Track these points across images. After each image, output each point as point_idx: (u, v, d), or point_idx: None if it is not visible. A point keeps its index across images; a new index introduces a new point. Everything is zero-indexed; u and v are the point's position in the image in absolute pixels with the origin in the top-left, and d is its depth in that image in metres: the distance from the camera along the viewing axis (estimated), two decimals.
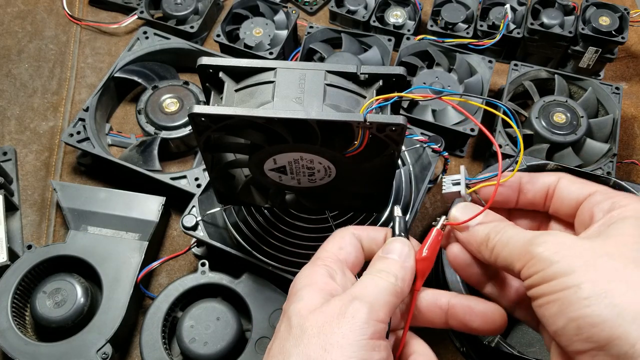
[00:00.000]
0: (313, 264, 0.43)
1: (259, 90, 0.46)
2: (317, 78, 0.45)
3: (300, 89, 0.45)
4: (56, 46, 0.96)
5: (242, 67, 0.46)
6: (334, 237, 0.46)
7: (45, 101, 0.90)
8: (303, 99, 0.44)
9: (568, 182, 0.43)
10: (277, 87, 0.45)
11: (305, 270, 0.43)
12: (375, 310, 0.38)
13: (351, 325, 0.37)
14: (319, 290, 0.40)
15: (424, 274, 0.43)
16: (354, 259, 0.45)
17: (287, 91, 0.44)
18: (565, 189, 0.43)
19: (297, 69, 0.46)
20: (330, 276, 0.42)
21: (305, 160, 0.48)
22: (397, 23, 0.93)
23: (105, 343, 0.63)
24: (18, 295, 0.67)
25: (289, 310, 0.40)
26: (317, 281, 0.41)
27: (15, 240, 0.76)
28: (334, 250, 0.44)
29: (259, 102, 0.44)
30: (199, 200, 0.68)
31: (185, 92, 0.84)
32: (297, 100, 0.44)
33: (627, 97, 0.90)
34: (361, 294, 0.39)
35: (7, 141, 0.86)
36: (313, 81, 0.45)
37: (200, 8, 0.96)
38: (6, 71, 0.93)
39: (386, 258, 0.43)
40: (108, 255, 0.69)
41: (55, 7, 1.00)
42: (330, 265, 0.43)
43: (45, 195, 0.81)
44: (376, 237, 0.46)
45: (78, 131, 0.79)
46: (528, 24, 0.88)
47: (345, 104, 0.45)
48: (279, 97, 0.44)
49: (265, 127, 0.44)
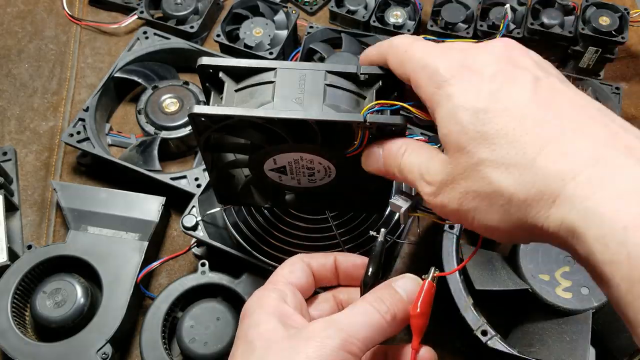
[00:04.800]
0: (264, 288, 0.43)
1: (259, 91, 0.46)
2: (317, 78, 0.45)
3: (300, 89, 0.45)
4: (56, 46, 0.96)
5: (242, 67, 0.47)
6: (284, 264, 0.46)
7: (45, 101, 0.90)
8: (303, 99, 0.44)
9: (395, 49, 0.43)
10: (277, 87, 0.45)
11: (257, 293, 0.43)
12: (350, 343, 0.37)
13: (319, 350, 0.36)
14: (271, 313, 0.40)
15: (421, 330, 0.41)
16: (305, 283, 0.45)
17: (287, 91, 0.44)
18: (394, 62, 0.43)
19: (297, 69, 0.46)
20: (281, 298, 0.42)
21: (305, 160, 0.48)
22: (397, 23, 0.93)
23: (105, 343, 0.64)
24: (18, 295, 0.67)
25: (248, 335, 0.39)
26: (269, 304, 0.41)
27: (15, 240, 0.76)
28: (284, 274, 0.45)
29: (259, 102, 0.45)
30: (199, 200, 0.68)
31: (185, 92, 0.84)
32: (297, 100, 0.44)
33: (627, 97, 0.90)
34: (341, 321, 0.38)
35: (7, 141, 0.86)
36: (313, 81, 0.45)
37: (200, 8, 0.96)
38: (6, 71, 0.93)
39: (393, 289, 0.42)
40: (108, 255, 0.69)
41: (55, 7, 1.00)
42: (281, 288, 0.43)
43: (45, 195, 0.81)
44: (325, 262, 0.46)
45: (78, 131, 0.79)
46: (528, 24, 0.88)
47: (346, 104, 0.45)
48: (279, 97, 0.44)
49: (265, 127, 0.44)
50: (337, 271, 0.47)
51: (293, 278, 0.44)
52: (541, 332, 0.63)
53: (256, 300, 0.42)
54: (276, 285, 0.43)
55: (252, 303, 0.42)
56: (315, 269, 0.46)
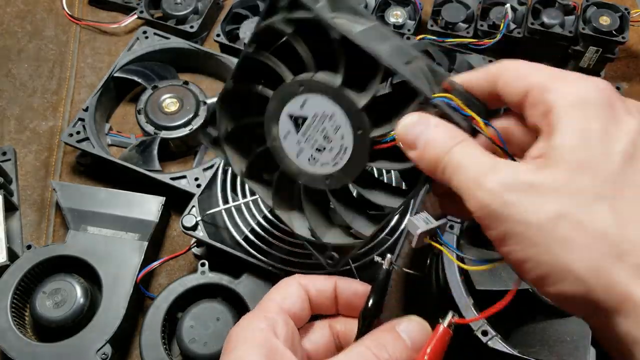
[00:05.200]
0: (254, 315, 0.39)
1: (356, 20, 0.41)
2: (409, 48, 0.41)
3: (386, 42, 0.40)
4: (56, 46, 0.96)
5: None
6: (278, 286, 0.41)
7: (45, 101, 0.90)
8: (389, 50, 0.39)
9: (512, 72, 0.36)
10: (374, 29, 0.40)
11: (244, 320, 0.39)
12: None
13: None
14: (257, 348, 0.36)
15: None
16: (299, 310, 0.40)
17: (379, 39, 0.40)
18: (508, 84, 0.36)
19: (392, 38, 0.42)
20: (272, 329, 0.37)
21: (331, 122, 0.42)
22: (397, 23, 0.93)
23: (105, 343, 0.63)
24: (18, 295, 0.67)
25: None
26: (257, 336, 0.37)
27: (15, 240, 0.76)
28: (277, 299, 0.40)
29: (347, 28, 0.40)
30: (199, 200, 0.68)
31: (185, 92, 0.84)
32: (382, 46, 0.39)
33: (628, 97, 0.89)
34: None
35: (6, 141, 0.86)
36: (401, 47, 0.41)
37: (200, 8, 0.95)
38: (6, 71, 0.93)
39: (396, 334, 0.37)
40: (108, 255, 0.69)
41: (54, 7, 1.00)
42: (272, 316, 0.38)
43: (44, 195, 0.81)
44: (324, 287, 0.41)
45: (78, 131, 0.79)
46: (528, 24, 0.88)
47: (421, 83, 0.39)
48: (365, 36, 0.39)
49: (325, 52, 0.40)
50: (337, 299, 0.42)
51: (287, 304, 0.40)
52: (542, 333, 0.63)
53: (243, 330, 0.38)
54: (267, 313, 0.39)
55: (238, 332, 0.38)
56: (313, 294, 0.41)
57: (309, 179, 0.47)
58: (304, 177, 0.47)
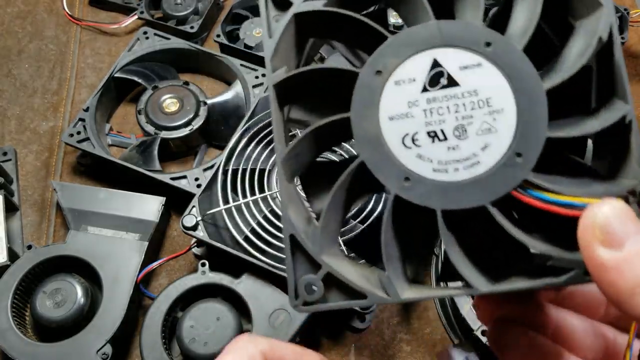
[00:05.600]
0: None
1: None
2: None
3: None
4: (56, 46, 0.96)
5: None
6: (228, 353, 0.33)
7: (46, 101, 0.90)
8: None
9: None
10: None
11: None
12: None
13: None
14: None
15: None
16: None
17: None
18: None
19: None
20: None
21: (482, 111, 0.29)
22: (397, 23, 0.93)
23: (105, 343, 0.63)
24: (18, 295, 0.67)
25: None
26: None
27: (16, 241, 0.76)
28: None
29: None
30: (199, 200, 0.68)
31: (185, 92, 0.84)
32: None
33: None
34: None
35: (7, 141, 0.86)
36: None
37: (200, 8, 0.96)
38: (6, 71, 0.93)
39: None
40: (108, 255, 0.69)
41: (55, 7, 1.00)
42: None
43: (45, 195, 0.81)
44: (284, 356, 0.34)
45: (78, 131, 0.79)
46: None
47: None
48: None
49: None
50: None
51: None
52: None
53: None
54: None
55: None
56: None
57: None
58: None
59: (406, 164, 0.29)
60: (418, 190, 0.29)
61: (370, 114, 0.29)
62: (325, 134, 0.31)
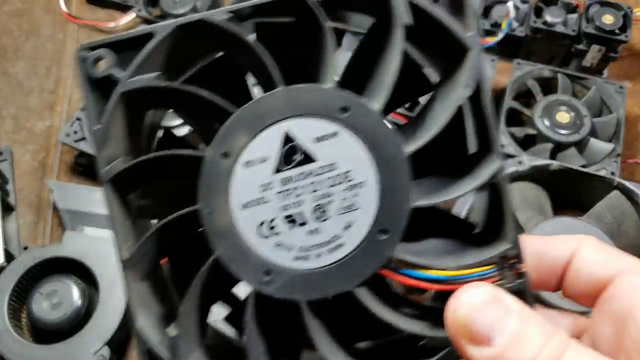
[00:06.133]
0: None
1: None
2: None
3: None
4: (53, 45, 0.95)
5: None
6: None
7: (42, 100, 0.89)
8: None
9: (590, 253, 0.29)
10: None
11: None
12: None
13: None
14: None
15: None
16: None
17: None
18: (584, 265, 0.29)
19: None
20: None
21: (341, 187, 0.27)
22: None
23: (103, 345, 0.63)
24: (14, 297, 0.66)
25: None
26: None
27: (12, 242, 0.75)
28: None
29: None
30: None
31: None
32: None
33: (631, 96, 0.89)
34: None
35: (3, 141, 0.85)
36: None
37: (198, 6, 0.95)
38: (2, 70, 0.92)
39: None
40: (105, 256, 0.68)
41: (52, 5, 0.99)
42: None
43: (41, 195, 0.80)
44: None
45: (75, 131, 0.78)
46: (531, 22, 0.87)
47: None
48: None
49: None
50: None
51: None
52: None
53: None
54: None
55: None
56: None
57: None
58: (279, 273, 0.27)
59: (265, 255, 0.27)
60: (279, 283, 0.27)
61: (220, 202, 0.27)
62: (173, 229, 0.28)
